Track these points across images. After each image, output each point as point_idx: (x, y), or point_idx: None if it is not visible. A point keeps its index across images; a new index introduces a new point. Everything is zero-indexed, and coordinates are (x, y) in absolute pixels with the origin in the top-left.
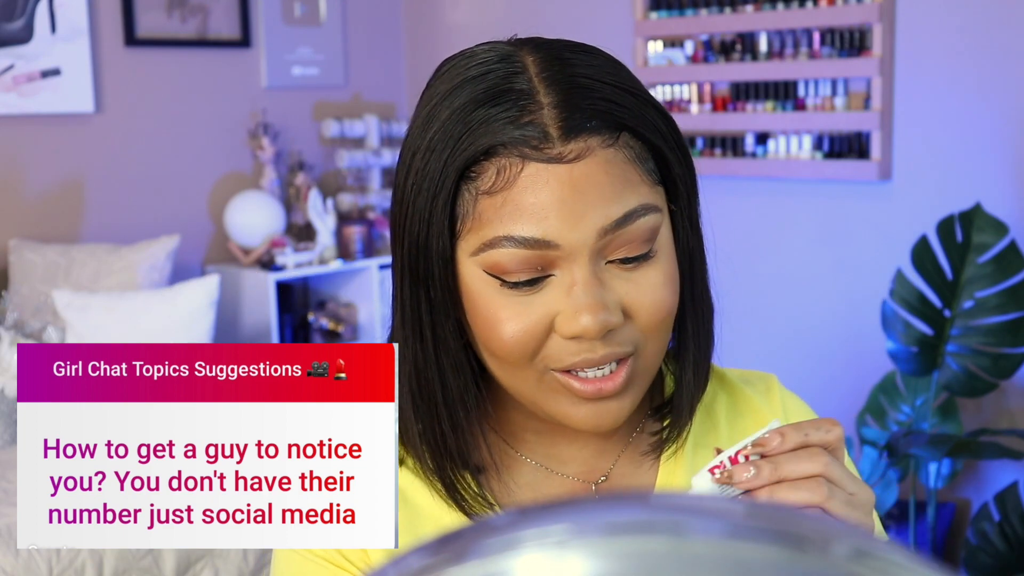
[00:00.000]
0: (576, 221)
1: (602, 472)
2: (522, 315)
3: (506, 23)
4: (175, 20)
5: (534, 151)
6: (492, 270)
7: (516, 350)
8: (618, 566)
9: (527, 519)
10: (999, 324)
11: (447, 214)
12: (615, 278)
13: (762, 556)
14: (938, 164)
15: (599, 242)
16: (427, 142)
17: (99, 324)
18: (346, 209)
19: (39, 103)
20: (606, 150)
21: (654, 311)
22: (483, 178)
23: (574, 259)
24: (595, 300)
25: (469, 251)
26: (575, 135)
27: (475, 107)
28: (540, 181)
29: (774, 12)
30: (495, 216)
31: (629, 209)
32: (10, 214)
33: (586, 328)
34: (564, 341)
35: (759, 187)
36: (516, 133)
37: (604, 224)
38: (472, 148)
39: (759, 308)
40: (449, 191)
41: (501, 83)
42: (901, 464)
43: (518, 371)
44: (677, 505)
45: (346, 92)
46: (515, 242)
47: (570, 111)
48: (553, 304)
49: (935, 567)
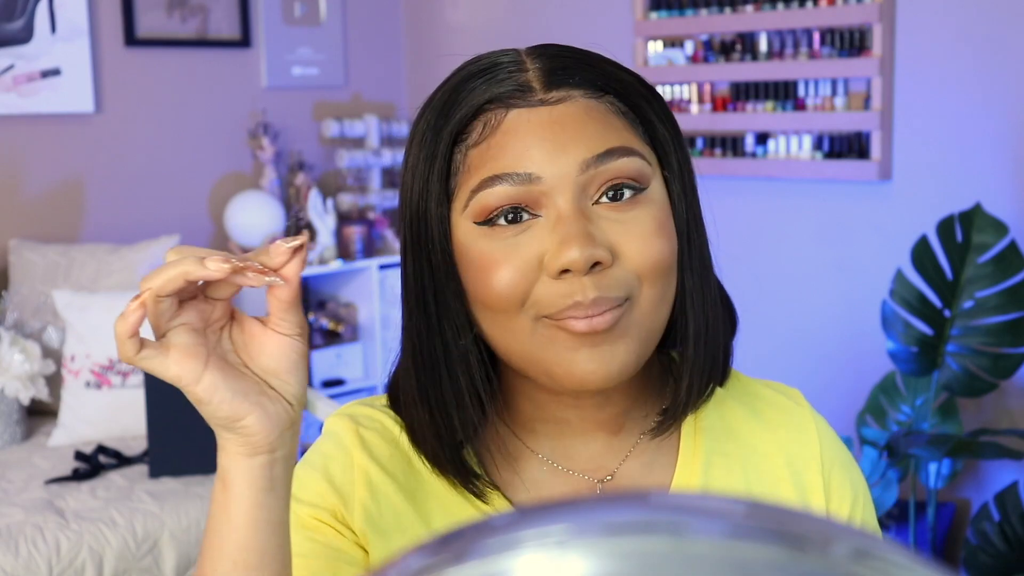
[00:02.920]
0: (557, 154)
1: (609, 471)
2: (511, 258)
3: (506, 23)
4: (175, 20)
5: (518, 99)
6: (480, 216)
7: (505, 294)
8: (618, 566)
9: (527, 519)
10: (999, 324)
11: (443, 179)
12: (603, 219)
13: (762, 556)
14: (938, 164)
15: (582, 175)
16: (424, 119)
17: (99, 324)
18: (346, 209)
19: (39, 103)
20: (588, 100)
21: (646, 254)
22: (471, 135)
23: (558, 193)
24: (580, 231)
25: (461, 208)
26: (558, 85)
27: (468, 79)
28: (522, 122)
29: (774, 12)
30: (480, 163)
31: (611, 146)
32: (10, 214)
33: (572, 260)
34: (554, 283)
35: (759, 187)
36: (499, 90)
37: (586, 156)
38: (461, 112)
39: (759, 308)
40: (444, 156)
41: (492, 58)
42: (901, 464)
43: (511, 322)
44: (677, 505)
45: (346, 92)
46: (499, 180)
47: (554, 68)
48: (540, 243)
49: (935, 567)
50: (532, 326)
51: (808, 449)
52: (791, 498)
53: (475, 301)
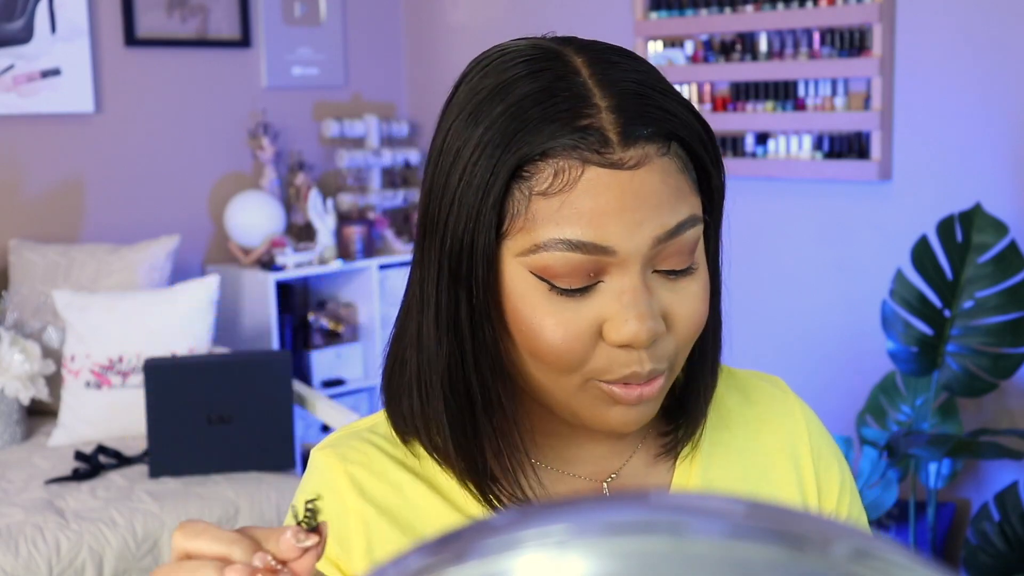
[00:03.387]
0: (634, 228)
1: (612, 471)
2: (570, 321)
3: (506, 23)
4: (175, 20)
5: (595, 155)
6: (541, 272)
7: (564, 357)
8: (618, 566)
9: (527, 519)
10: (999, 324)
11: (496, 212)
12: (660, 287)
13: (762, 556)
14: (938, 164)
15: (652, 251)
16: (476, 138)
17: (99, 324)
18: (346, 209)
19: (39, 103)
20: (661, 159)
21: (692, 323)
22: (538, 178)
23: (627, 266)
24: (646, 308)
25: (516, 251)
26: (633, 141)
27: (531, 105)
28: (601, 186)
29: (774, 12)
30: (551, 218)
31: (682, 219)
32: (10, 214)
33: (636, 335)
34: (612, 350)
35: (759, 187)
36: (576, 136)
37: (659, 233)
38: (527, 147)
39: (759, 308)
40: (500, 189)
41: (556, 82)
42: (901, 464)
43: (561, 377)
44: (677, 505)
45: (346, 92)
46: (571, 245)
47: (627, 116)
48: (602, 311)
49: (935, 567)
50: (581, 384)
51: (798, 436)
52: (788, 484)
53: (524, 350)
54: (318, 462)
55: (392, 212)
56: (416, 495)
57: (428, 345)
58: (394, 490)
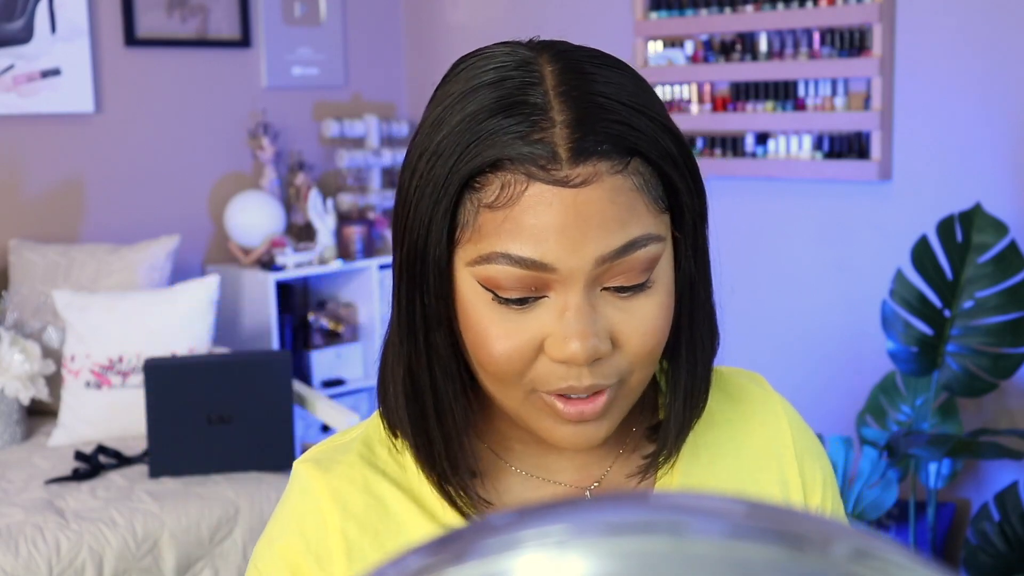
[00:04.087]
0: (575, 247)
1: (595, 479)
2: (512, 333)
3: (506, 23)
4: (175, 20)
5: (541, 171)
6: (487, 283)
7: (504, 367)
8: (618, 566)
9: (527, 519)
10: (999, 324)
11: (447, 221)
12: (608, 305)
13: (762, 556)
14: (938, 164)
15: (596, 269)
16: (434, 145)
17: (99, 324)
18: (346, 209)
19: (39, 103)
20: (614, 176)
21: (643, 343)
22: (487, 191)
23: (569, 284)
24: (586, 327)
25: (466, 260)
26: (584, 158)
27: (487, 116)
28: (543, 203)
29: (774, 12)
30: (495, 231)
31: (631, 239)
32: (10, 214)
33: (574, 354)
34: (552, 364)
35: (759, 187)
36: (525, 150)
37: (603, 252)
38: (479, 159)
39: (759, 308)
40: (451, 199)
41: (515, 93)
42: (901, 464)
43: (505, 388)
44: (677, 505)
45: (346, 92)
46: (512, 260)
47: (583, 132)
48: (544, 326)
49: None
50: (524, 395)
51: (781, 434)
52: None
53: (472, 357)
54: (300, 476)
55: (392, 212)
56: (399, 508)
57: (394, 347)
58: (377, 503)
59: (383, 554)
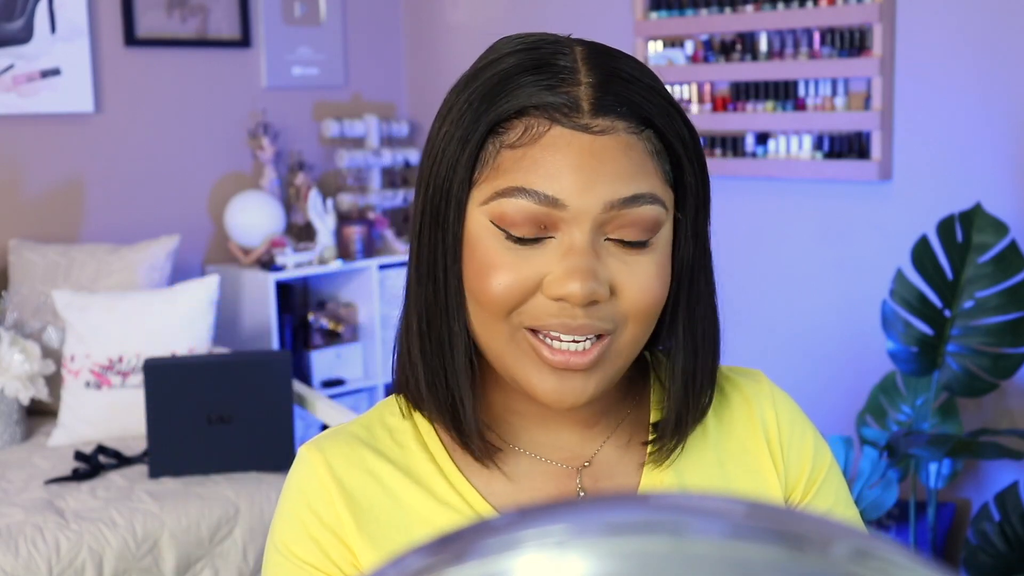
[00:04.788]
0: (587, 187)
1: (585, 459)
2: (515, 267)
3: (506, 23)
4: (175, 20)
5: (563, 116)
6: (498, 221)
7: (500, 298)
8: (618, 566)
9: (527, 519)
10: (999, 324)
11: (471, 164)
12: (610, 255)
13: (762, 556)
14: (938, 164)
15: (604, 214)
16: (467, 96)
17: (99, 324)
18: (346, 209)
19: (39, 103)
20: (629, 135)
21: (640, 296)
22: (510, 133)
23: (576, 224)
24: (587, 267)
25: (480, 200)
26: (604, 113)
27: (518, 72)
28: (562, 143)
29: (774, 12)
30: (512, 167)
31: (639, 191)
32: (10, 214)
33: (572, 292)
34: (547, 301)
35: (759, 187)
36: (550, 99)
37: (612, 198)
38: (506, 105)
39: (759, 308)
40: (477, 142)
41: (548, 57)
42: (901, 464)
43: (495, 323)
44: (677, 505)
45: (346, 92)
46: (525, 194)
47: (604, 92)
48: (546, 264)
49: (935, 567)
50: (511, 333)
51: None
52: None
53: (468, 291)
54: (301, 457)
55: (392, 212)
56: (396, 485)
57: (412, 290)
58: (373, 481)
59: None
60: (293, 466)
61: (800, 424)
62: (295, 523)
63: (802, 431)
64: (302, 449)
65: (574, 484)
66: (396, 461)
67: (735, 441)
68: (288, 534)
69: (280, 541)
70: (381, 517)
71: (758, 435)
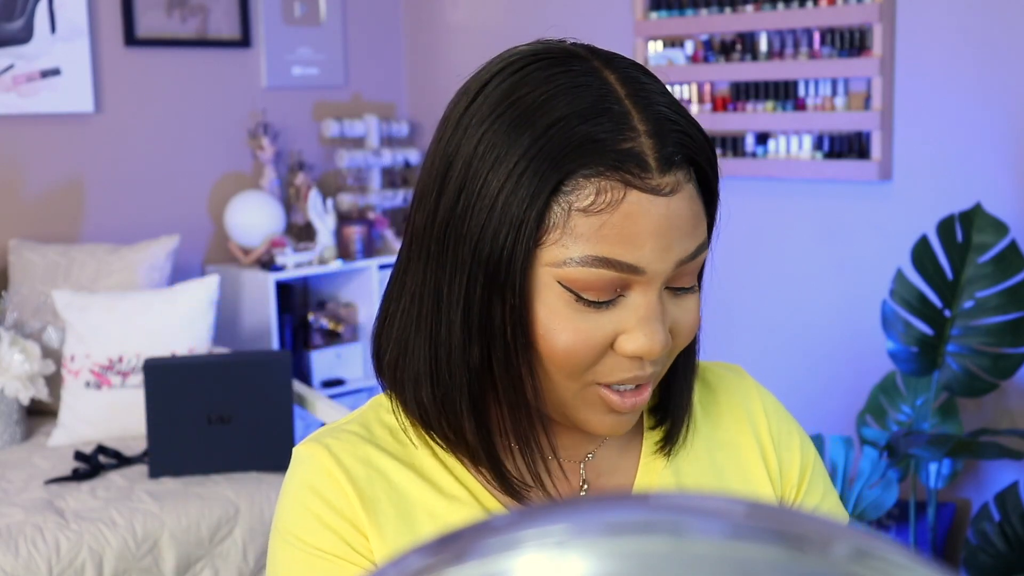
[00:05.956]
0: (665, 251)
1: (588, 451)
2: (587, 330)
3: (506, 23)
4: (175, 20)
5: (636, 179)
6: (570, 284)
7: (574, 362)
8: (618, 566)
9: (527, 519)
10: (999, 324)
11: (536, 224)
12: (668, 302)
13: (762, 556)
14: (938, 164)
15: (673, 272)
16: (524, 148)
17: (99, 324)
18: (346, 209)
19: (39, 103)
20: (688, 184)
21: (689, 335)
22: (578, 194)
23: (650, 284)
24: (660, 324)
25: (546, 261)
26: (668, 168)
27: (577, 122)
28: (641, 210)
29: (774, 12)
30: (592, 236)
31: (700, 243)
32: (10, 214)
33: (651, 349)
34: (619, 358)
35: (759, 187)
36: (619, 158)
37: (683, 256)
38: (574, 164)
39: (759, 308)
40: (545, 202)
41: (599, 102)
42: (901, 464)
43: (567, 380)
44: (677, 505)
45: (346, 92)
46: (606, 263)
47: (662, 142)
48: (619, 323)
49: (935, 567)
50: (580, 388)
51: (757, 419)
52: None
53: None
54: (301, 452)
55: (392, 212)
56: (402, 479)
57: (453, 344)
58: (379, 475)
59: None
60: (292, 465)
61: (787, 421)
62: (305, 513)
63: (789, 428)
64: (300, 448)
65: (578, 477)
66: (400, 457)
67: (723, 431)
68: (299, 525)
69: (289, 532)
70: (389, 511)
71: (744, 427)
